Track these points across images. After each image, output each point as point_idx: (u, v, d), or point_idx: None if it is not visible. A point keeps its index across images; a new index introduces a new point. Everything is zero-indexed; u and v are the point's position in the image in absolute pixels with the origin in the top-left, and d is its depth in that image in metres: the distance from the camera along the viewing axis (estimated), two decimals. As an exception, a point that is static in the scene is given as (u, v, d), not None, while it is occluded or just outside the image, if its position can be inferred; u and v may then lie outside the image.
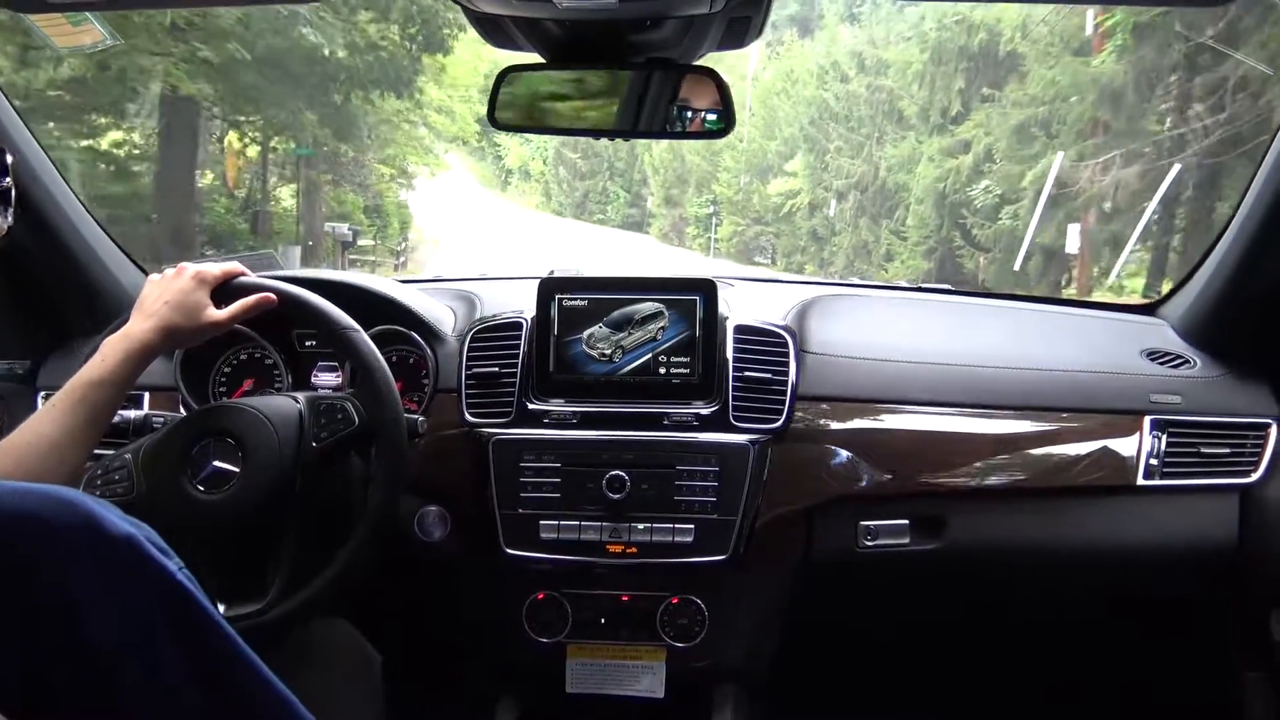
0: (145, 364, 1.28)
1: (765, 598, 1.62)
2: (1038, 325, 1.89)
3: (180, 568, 0.86)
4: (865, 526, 1.60)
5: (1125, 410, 1.62)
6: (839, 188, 21.08)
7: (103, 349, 1.25)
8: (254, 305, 1.35)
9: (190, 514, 1.29)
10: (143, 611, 0.82)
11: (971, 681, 1.97)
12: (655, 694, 1.59)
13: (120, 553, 0.82)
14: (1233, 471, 1.60)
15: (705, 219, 29.15)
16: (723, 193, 28.01)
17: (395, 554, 1.49)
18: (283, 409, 1.35)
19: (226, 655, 0.88)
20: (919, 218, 17.73)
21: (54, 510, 0.80)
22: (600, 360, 1.58)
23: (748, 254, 25.91)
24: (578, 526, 1.52)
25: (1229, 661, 1.65)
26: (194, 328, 1.31)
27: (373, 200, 19.00)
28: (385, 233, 19.77)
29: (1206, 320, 1.72)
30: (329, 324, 1.36)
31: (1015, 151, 14.19)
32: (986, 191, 15.16)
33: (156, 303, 1.29)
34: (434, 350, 1.65)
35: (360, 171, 18.25)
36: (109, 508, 0.84)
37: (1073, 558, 1.66)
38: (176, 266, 1.34)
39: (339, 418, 1.35)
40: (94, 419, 1.22)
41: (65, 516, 0.80)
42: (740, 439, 1.53)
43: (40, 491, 0.82)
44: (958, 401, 1.63)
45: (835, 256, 21.43)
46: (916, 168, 17.79)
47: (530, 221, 32.03)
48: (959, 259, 16.76)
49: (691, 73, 1.35)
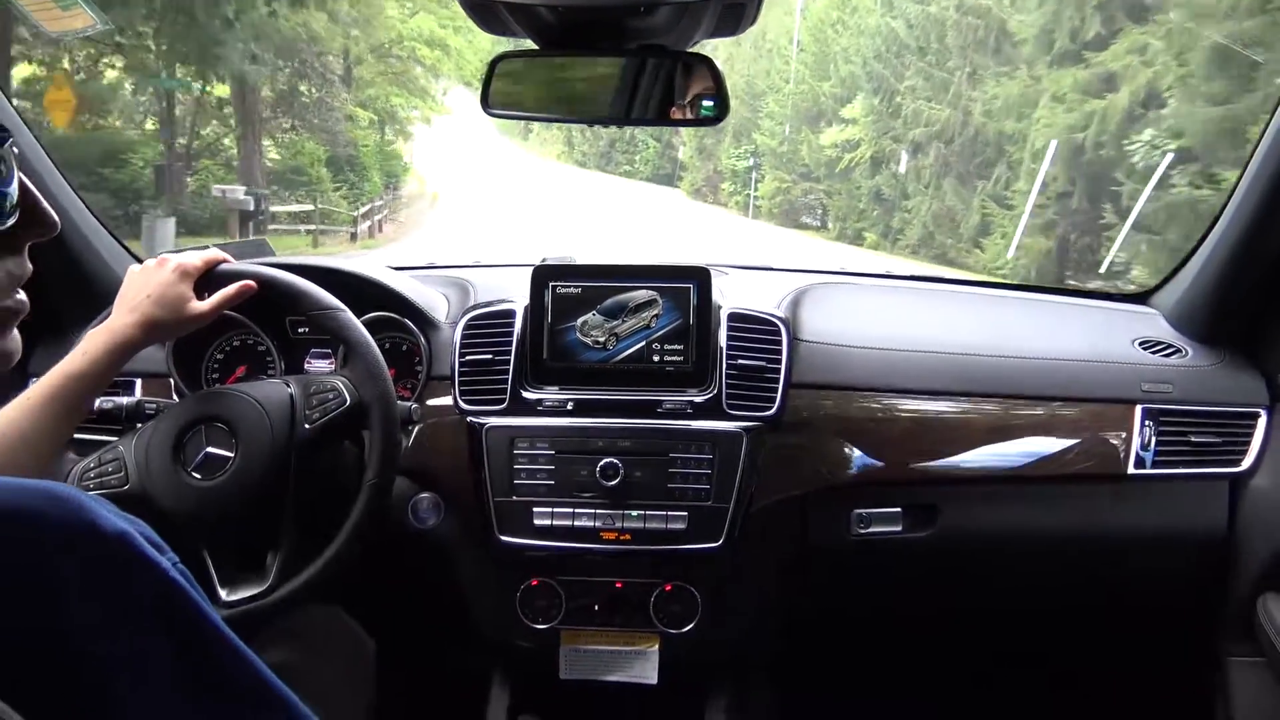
0: (126, 358, 1.28)
1: (758, 585, 1.63)
2: (1031, 314, 1.90)
3: (174, 563, 0.86)
4: (858, 514, 1.61)
5: (1117, 399, 1.62)
6: (915, 138, 17.14)
7: (84, 342, 1.25)
8: (235, 294, 1.34)
9: (186, 501, 1.29)
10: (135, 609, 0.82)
11: (963, 668, 1.98)
12: (648, 680, 1.60)
13: (113, 550, 0.81)
14: (1223, 460, 1.61)
15: (744, 173, 25.94)
16: (765, 143, 24.64)
17: (389, 541, 1.49)
18: (274, 392, 1.35)
19: (221, 652, 0.88)
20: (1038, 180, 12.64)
21: (46, 506, 0.79)
22: (594, 348, 1.58)
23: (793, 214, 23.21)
24: (571, 514, 1.52)
25: (1216, 648, 1.66)
26: (176, 321, 1.31)
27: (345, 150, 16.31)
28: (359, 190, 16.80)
29: (1198, 310, 1.72)
30: (313, 305, 1.36)
31: (1204, 87, 9.39)
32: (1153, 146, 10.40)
33: (138, 296, 1.29)
34: (428, 337, 1.65)
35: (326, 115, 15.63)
36: (102, 503, 0.83)
37: (1063, 545, 1.67)
38: (158, 258, 1.33)
39: (330, 398, 1.35)
40: (69, 412, 1.22)
41: (57, 512, 0.79)
42: (734, 427, 1.54)
43: (32, 487, 0.80)
44: (951, 390, 1.63)
45: (908, 226, 17.53)
46: (1034, 112, 13.39)
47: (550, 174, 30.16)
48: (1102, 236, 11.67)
49: (685, 59, 1.35)
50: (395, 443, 1.33)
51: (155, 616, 0.83)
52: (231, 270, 1.37)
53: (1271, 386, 1.64)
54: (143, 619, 0.82)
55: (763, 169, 24.61)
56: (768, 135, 24.19)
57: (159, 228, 10.73)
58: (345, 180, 16.29)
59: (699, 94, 1.35)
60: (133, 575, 0.82)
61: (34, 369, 1.65)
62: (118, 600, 0.81)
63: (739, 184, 26.16)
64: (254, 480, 1.30)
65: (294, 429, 1.33)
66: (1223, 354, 1.69)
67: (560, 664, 1.60)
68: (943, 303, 1.93)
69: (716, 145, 26.88)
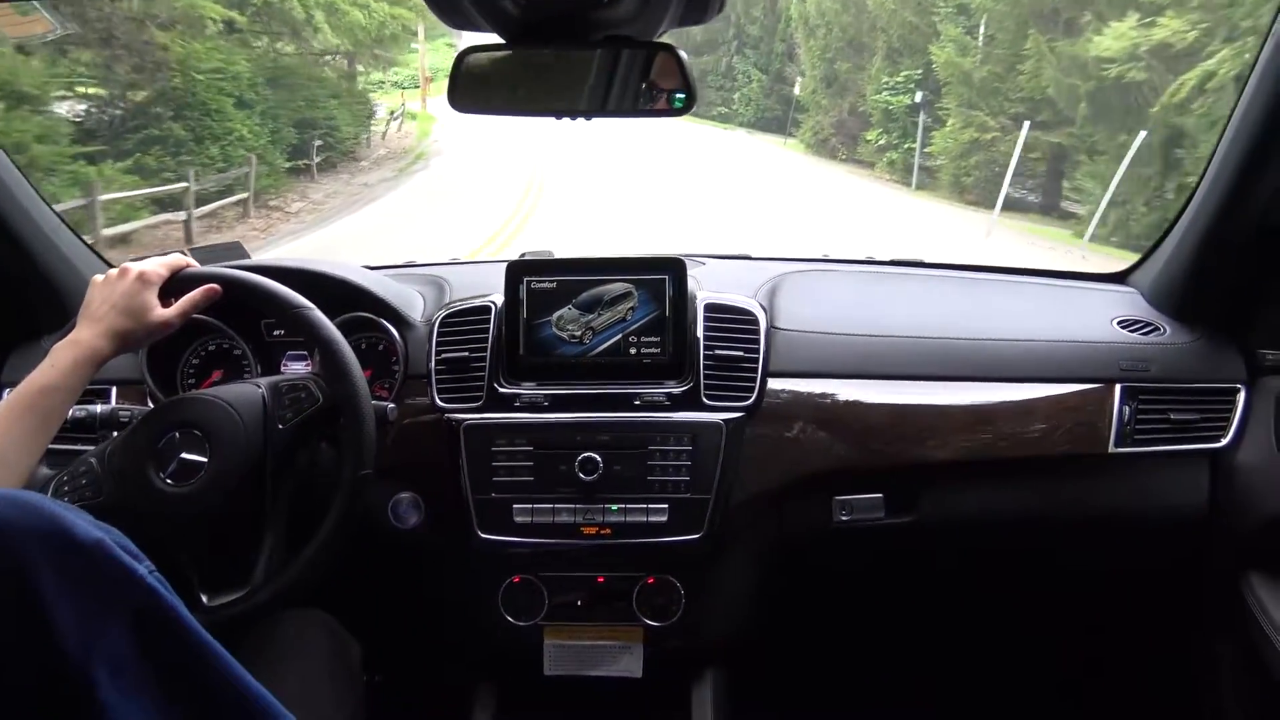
0: (95, 369, 1.26)
1: (741, 575, 1.62)
2: (1010, 296, 1.89)
3: (151, 571, 0.85)
4: (839, 502, 1.60)
5: (1096, 379, 1.62)
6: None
7: (52, 355, 1.23)
8: (200, 299, 1.33)
9: (162, 508, 1.28)
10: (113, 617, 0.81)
11: (946, 651, 1.98)
12: (633, 673, 1.59)
13: (89, 558, 0.81)
14: (1202, 437, 1.61)
15: (903, 115, 16.23)
16: (947, 61, 14.32)
17: (370, 541, 1.48)
18: (246, 395, 1.34)
19: (199, 657, 0.87)
20: None
21: (19, 516, 0.78)
22: (570, 342, 1.57)
23: (992, 187, 13.26)
24: (551, 510, 1.52)
25: (1200, 626, 1.67)
26: (142, 330, 1.29)
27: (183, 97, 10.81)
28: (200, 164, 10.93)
29: (1175, 287, 1.72)
30: (281, 304, 1.35)
31: None
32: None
33: (102, 306, 1.28)
34: (403, 336, 1.64)
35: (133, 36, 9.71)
36: (77, 512, 0.83)
37: (1046, 527, 1.67)
38: (120, 267, 1.32)
39: (303, 397, 1.34)
40: (42, 426, 1.20)
41: (31, 522, 0.78)
42: (712, 418, 1.53)
43: (4, 496, 0.80)
44: (930, 374, 1.63)
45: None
46: None
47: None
48: None
49: (650, 49, 1.34)
50: (369, 440, 1.32)
51: (134, 623, 0.83)
52: (195, 274, 1.36)
53: (1250, 362, 1.64)
54: (121, 627, 0.82)
55: (942, 105, 14.72)
56: (954, 49, 14.06)
57: None
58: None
59: (669, 86, 1.35)
60: (109, 583, 0.82)
61: (7, 378, 1.64)
62: (95, 608, 0.80)
63: (895, 133, 16.54)
64: (230, 484, 1.29)
65: (268, 431, 1.32)
66: (1201, 331, 1.69)
67: (545, 660, 1.60)
68: (921, 287, 1.93)
69: (856, 73, 17.35)
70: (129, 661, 0.81)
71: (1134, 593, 1.79)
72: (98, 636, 0.79)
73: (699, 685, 1.63)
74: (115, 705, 0.79)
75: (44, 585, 0.77)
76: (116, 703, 0.79)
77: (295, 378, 1.38)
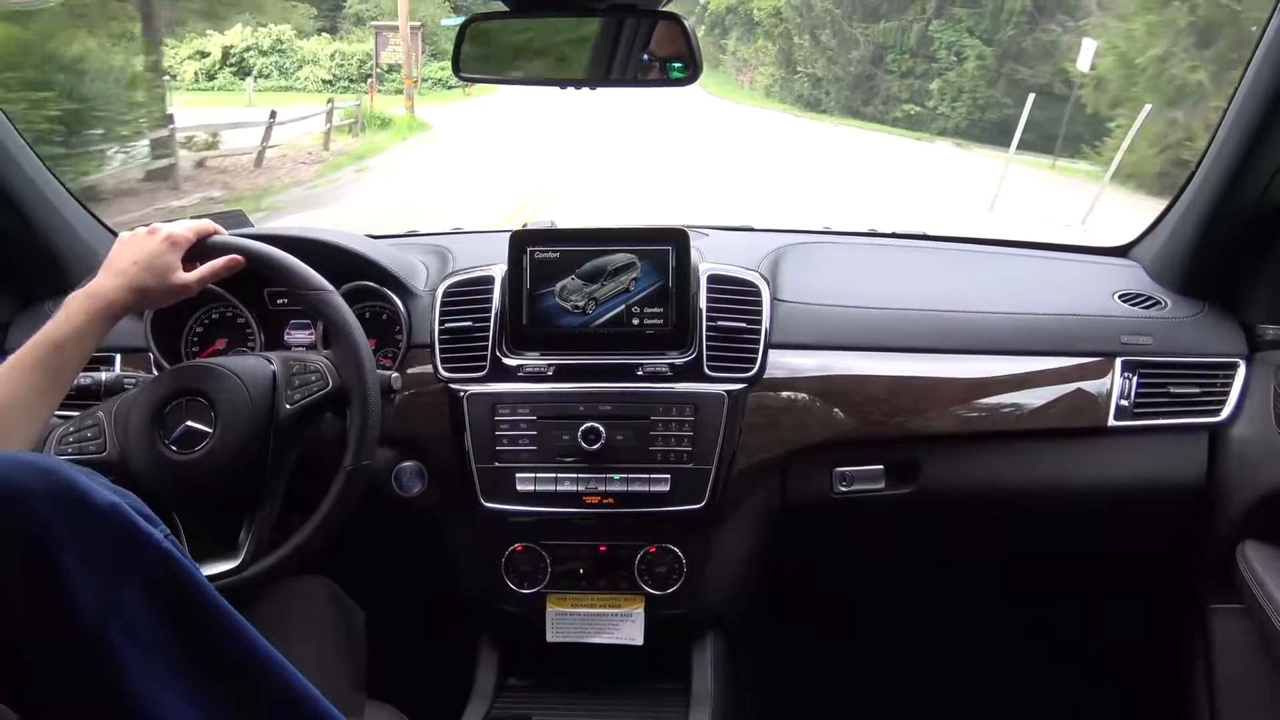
0: (110, 324, 1.26)
1: (742, 545, 1.64)
2: (1011, 269, 1.89)
3: (166, 535, 0.86)
4: (840, 473, 1.61)
5: (1097, 352, 1.63)
6: None
7: (67, 306, 1.23)
8: (223, 268, 1.34)
9: (162, 474, 1.29)
10: (129, 581, 0.82)
11: (945, 622, 2.00)
12: (634, 641, 1.61)
13: (105, 522, 0.81)
14: (1202, 411, 1.62)
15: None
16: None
17: (374, 509, 1.50)
18: (256, 370, 1.35)
19: (215, 621, 0.88)
20: None
21: (36, 480, 0.78)
22: (573, 313, 1.57)
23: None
24: (554, 479, 1.53)
25: (1196, 597, 1.68)
26: (162, 290, 1.29)
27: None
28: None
29: (1177, 261, 1.72)
30: (302, 284, 1.36)
31: None
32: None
33: (125, 261, 1.27)
34: (407, 306, 1.64)
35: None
36: (93, 476, 0.83)
37: (1045, 499, 1.68)
38: (149, 226, 1.32)
39: (313, 379, 1.35)
40: (55, 381, 1.20)
41: (47, 486, 0.79)
42: (714, 388, 1.54)
43: (20, 460, 0.80)
44: (931, 347, 1.64)
45: None
46: None
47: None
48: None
49: (654, 18, 1.33)
50: (374, 432, 1.34)
51: (150, 586, 0.83)
52: (221, 243, 1.36)
53: (1250, 336, 1.64)
54: (137, 590, 0.82)
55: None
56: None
57: None
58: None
59: (669, 54, 1.34)
60: (126, 546, 0.82)
61: (11, 344, 1.64)
62: (113, 571, 0.81)
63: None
64: (231, 456, 1.30)
65: (274, 409, 1.33)
66: (1202, 305, 1.69)
67: (547, 628, 1.62)
68: (923, 259, 1.93)
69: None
70: (146, 625, 0.81)
71: (1131, 565, 1.80)
72: (114, 600, 0.80)
73: (699, 653, 1.65)
74: (133, 666, 0.80)
75: (63, 550, 0.78)
76: (134, 663, 0.80)
77: (307, 358, 1.38)
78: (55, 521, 0.78)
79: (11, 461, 0.79)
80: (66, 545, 0.79)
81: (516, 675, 1.70)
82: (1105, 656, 1.95)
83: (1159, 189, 11.04)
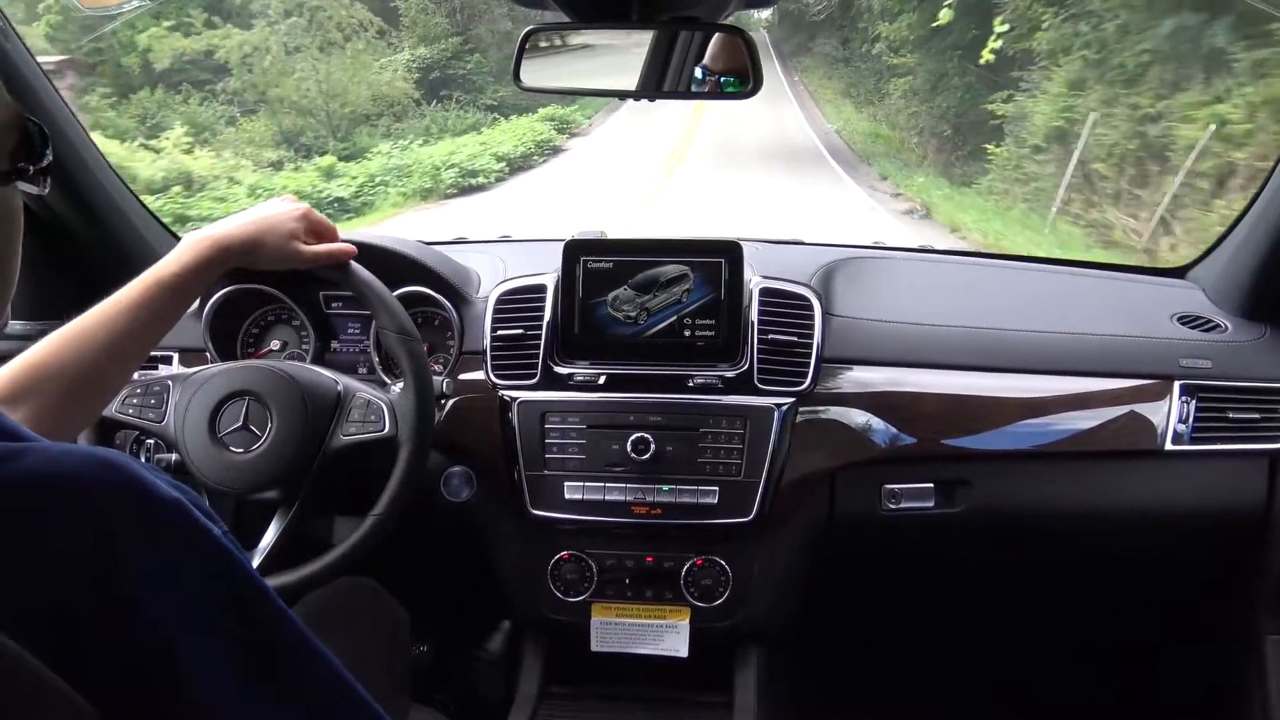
0: (219, 269, 1.27)
1: (788, 559, 1.63)
2: (1066, 288, 1.87)
3: (224, 532, 0.87)
4: (889, 489, 1.60)
5: (1154, 375, 1.60)
6: None
7: (179, 247, 1.24)
8: (338, 252, 1.37)
9: (206, 460, 1.33)
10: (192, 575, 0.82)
11: (992, 644, 1.98)
12: (679, 653, 1.61)
13: (168, 517, 0.82)
14: (1262, 437, 1.58)
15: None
16: None
17: (422, 513, 1.51)
18: (323, 388, 1.38)
19: (273, 619, 0.88)
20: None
21: (97, 473, 0.78)
22: (625, 323, 1.58)
23: None
24: (603, 488, 1.54)
25: (1253, 626, 1.64)
26: (276, 250, 1.31)
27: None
28: None
29: (1239, 284, 1.69)
30: (391, 324, 1.38)
31: None
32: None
33: (254, 215, 1.31)
34: (460, 312, 1.65)
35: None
36: (154, 470, 0.84)
37: (1097, 522, 1.65)
38: (292, 196, 1.38)
39: (372, 419, 1.37)
40: (158, 319, 1.21)
41: (110, 479, 0.79)
42: (765, 402, 1.54)
43: (83, 454, 0.81)
44: (984, 365, 1.62)
45: None
46: None
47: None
48: None
49: (717, 31, 1.34)
50: (411, 487, 1.36)
51: (211, 582, 0.84)
52: (346, 238, 1.42)
53: None
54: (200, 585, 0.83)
55: None
56: None
57: None
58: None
59: (729, 68, 1.34)
60: (188, 542, 0.83)
61: None
62: (175, 566, 0.82)
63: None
64: (276, 468, 1.33)
65: (328, 434, 1.36)
66: (1264, 329, 1.66)
67: (591, 637, 1.62)
68: (977, 277, 1.91)
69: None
70: (208, 619, 0.82)
71: (1186, 590, 1.77)
72: (179, 592, 0.81)
73: (743, 666, 1.65)
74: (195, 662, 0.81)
75: (128, 544, 0.79)
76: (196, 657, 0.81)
77: (373, 396, 1.40)
78: (118, 513, 0.79)
79: (72, 454, 0.80)
80: (133, 537, 0.79)
81: (559, 683, 1.71)
82: (1155, 686, 1.91)
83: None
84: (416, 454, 1.36)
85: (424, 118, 16.56)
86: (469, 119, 16.71)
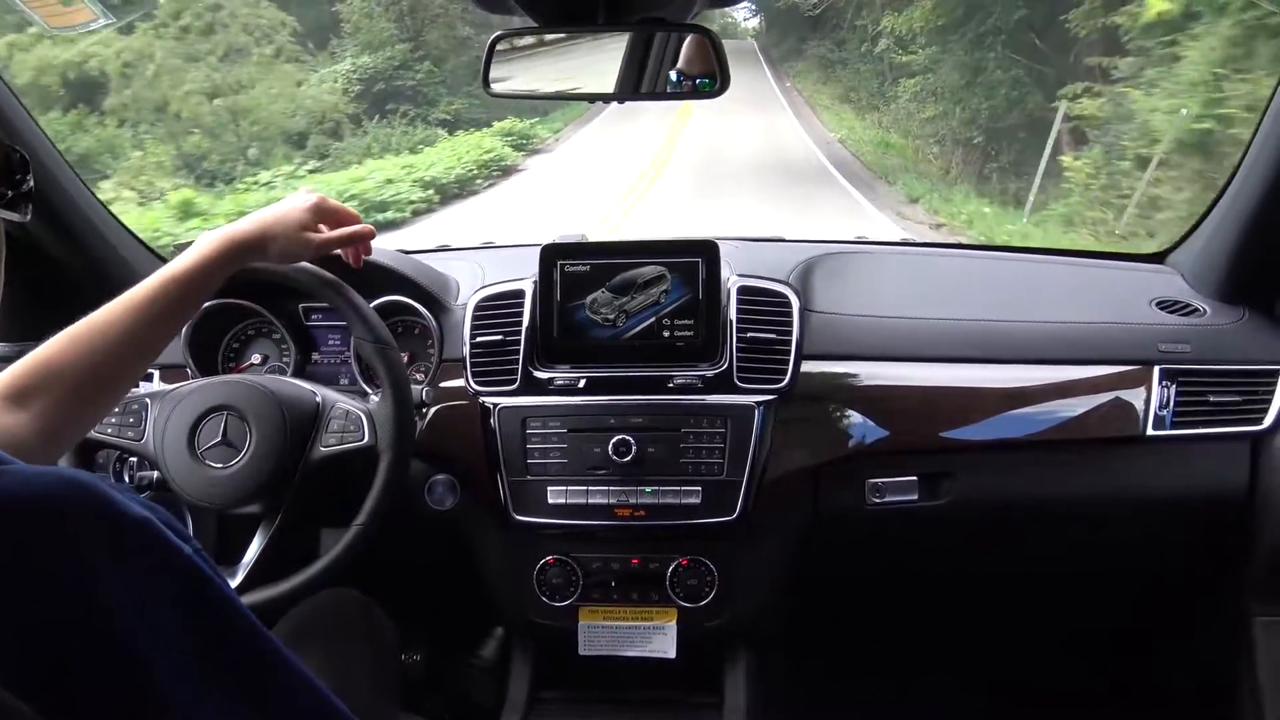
0: (234, 266, 1.26)
1: (774, 556, 1.63)
2: (1046, 277, 1.87)
3: (196, 550, 0.87)
4: (873, 484, 1.60)
5: (1134, 361, 1.60)
6: None
7: (193, 245, 1.24)
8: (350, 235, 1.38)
9: (186, 476, 1.33)
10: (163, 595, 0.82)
11: (980, 634, 1.98)
12: (667, 654, 1.61)
13: (136, 537, 0.81)
14: (1243, 419, 1.59)
15: None
16: None
17: (408, 522, 1.51)
18: (301, 401, 1.38)
19: (246, 636, 0.88)
20: None
21: (65, 493, 0.78)
22: (604, 325, 1.58)
23: None
24: (585, 491, 1.54)
25: (1240, 608, 1.65)
26: (287, 243, 1.31)
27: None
28: None
29: (1216, 268, 1.70)
30: (368, 335, 1.39)
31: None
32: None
33: (267, 211, 1.32)
34: (439, 320, 1.65)
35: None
36: (124, 491, 0.84)
37: (1082, 509, 1.66)
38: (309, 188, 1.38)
39: (351, 429, 1.37)
40: (171, 316, 1.21)
41: (78, 500, 0.79)
42: (746, 400, 1.54)
43: (50, 475, 0.81)
44: (965, 356, 1.62)
45: None
46: None
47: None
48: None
49: (684, 31, 1.34)
50: (392, 495, 1.36)
51: (182, 602, 0.84)
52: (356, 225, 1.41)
53: None
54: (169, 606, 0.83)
55: None
56: None
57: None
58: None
59: (699, 70, 1.34)
60: (158, 562, 0.83)
61: None
62: (144, 587, 0.82)
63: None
64: (255, 483, 1.33)
65: (307, 446, 1.36)
66: (1242, 312, 1.66)
67: (579, 641, 1.62)
68: (956, 269, 1.91)
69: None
70: (177, 637, 0.82)
71: (1172, 575, 1.77)
72: (148, 617, 0.80)
73: (732, 666, 1.64)
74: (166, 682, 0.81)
75: (99, 565, 0.78)
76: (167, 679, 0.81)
77: (351, 406, 1.40)
78: (85, 535, 0.79)
79: (40, 475, 0.80)
80: (102, 558, 0.79)
81: (549, 688, 1.70)
82: (1147, 674, 1.92)
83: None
84: (397, 462, 1.36)
85: (365, 135, 14.75)
86: (418, 135, 14.88)
